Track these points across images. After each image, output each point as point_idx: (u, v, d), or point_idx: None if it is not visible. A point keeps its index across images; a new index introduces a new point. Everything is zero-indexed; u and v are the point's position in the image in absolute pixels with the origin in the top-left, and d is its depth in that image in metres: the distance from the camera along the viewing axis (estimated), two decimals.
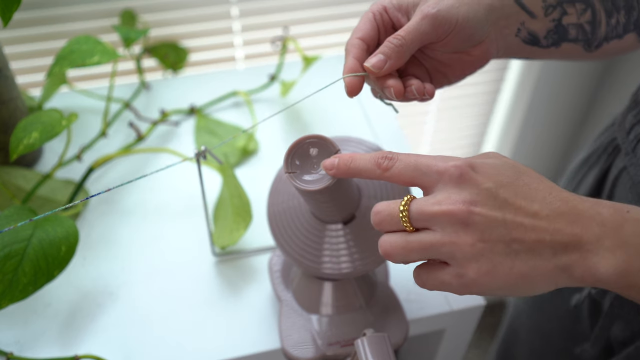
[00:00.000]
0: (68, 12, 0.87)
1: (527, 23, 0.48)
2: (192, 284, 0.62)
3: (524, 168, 0.36)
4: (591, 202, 0.34)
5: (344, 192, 0.44)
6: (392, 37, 0.44)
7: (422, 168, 0.36)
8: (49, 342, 0.57)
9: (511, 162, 0.36)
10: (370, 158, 0.38)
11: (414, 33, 0.44)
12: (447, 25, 0.44)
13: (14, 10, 0.51)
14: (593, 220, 0.33)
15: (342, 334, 0.52)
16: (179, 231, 0.67)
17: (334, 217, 0.47)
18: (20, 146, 0.55)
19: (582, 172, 0.69)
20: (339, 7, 1.00)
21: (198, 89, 0.85)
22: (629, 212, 0.33)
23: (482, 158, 0.37)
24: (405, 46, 0.43)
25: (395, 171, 0.37)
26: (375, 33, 0.46)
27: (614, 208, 0.34)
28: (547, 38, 0.49)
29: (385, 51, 0.43)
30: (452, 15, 0.44)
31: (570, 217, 0.33)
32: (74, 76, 0.93)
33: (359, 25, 0.47)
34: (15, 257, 0.51)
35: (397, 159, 0.37)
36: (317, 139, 0.40)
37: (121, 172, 0.73)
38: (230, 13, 0.95)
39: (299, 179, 0.40)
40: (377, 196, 0.49)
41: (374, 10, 0.47)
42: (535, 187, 0.35)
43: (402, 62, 0.44)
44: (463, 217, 0.34)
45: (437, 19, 0.43)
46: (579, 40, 0.50)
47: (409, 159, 0.37)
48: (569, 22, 0.49)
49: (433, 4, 0.44)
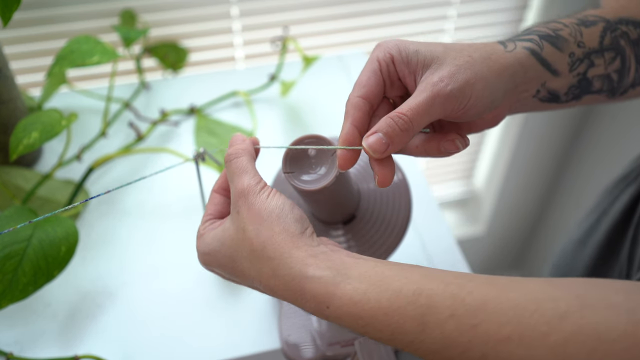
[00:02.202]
0: (68, 12, 0.87)
1: (548, 82, 0.43)
2: (191, 284, 0.62)
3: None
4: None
5: (343, 191, 0.44)
6: (397, 115, 0.37)
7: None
8: (48, 342, 0.57)
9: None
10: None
11: (422, 114, 0.37)
12: (458, 104, 0.39)
13: (14, 10, 0.51)
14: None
15: (342, 334, 0.52)
16: (179, 231, 0.67)
17: (334, 217, 0.47)
18: (20, 146, 0.55)
19: (619, 188, 0.68)
20: (339, 7, 1.00)
21: (198, 89, 0.84)
22: (329, 307, 0.34)
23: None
24: (410, 130, 0.37)
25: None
26: (380, 89, 0.41)
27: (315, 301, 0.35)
28: (568, 94, 0.45)
29: (388, 132, 0.37)
30: (466, 93, 0.38)
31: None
32: (74, 76, 0.93)
33: (361, 79, 0.40)
34: (15, 257, 0.51)
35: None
36: (315, 139, 0.40)
37: (121, 172, 0.73)
38: (230, 13, 0.95)
39: (298, 179, 0.40)
40: (376, 196, 0.49)
41: (380, 59, 0.41)
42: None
43: (405, 144, 0.38)
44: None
45: (449, 99, 0.38)
46: (603, 91, 0.46)
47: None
48: (595, 74, 0.44)
49: (446, 78, 0.38)
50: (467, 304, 0.31)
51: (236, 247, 0.37)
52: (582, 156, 1.36)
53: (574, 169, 1.40)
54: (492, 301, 0.30)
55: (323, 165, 0.40)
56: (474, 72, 0.39)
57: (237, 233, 0.37)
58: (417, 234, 0.67)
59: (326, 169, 0.40)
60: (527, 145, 1.34)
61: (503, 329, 0.30)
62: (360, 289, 0.33)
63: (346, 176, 0.43)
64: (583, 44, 0.44)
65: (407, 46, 0.40)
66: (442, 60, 0.39)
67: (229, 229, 0.38)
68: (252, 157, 0.40)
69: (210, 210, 0.42)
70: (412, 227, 0.67)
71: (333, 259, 0.35)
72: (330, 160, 0.40)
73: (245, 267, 0.37)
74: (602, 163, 1.28)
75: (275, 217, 0.36)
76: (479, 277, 0.32)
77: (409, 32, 1.10)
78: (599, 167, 1.30)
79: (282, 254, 0.35)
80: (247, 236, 0.36)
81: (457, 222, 1.55)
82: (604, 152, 1.28)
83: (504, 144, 1.35)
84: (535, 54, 0.42)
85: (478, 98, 0.39)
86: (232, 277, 0.39)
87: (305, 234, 0.36)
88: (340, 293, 0.33)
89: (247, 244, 0.36)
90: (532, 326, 0.29)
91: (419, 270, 0.34)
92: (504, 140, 1.35)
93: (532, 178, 1.45)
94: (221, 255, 0.38)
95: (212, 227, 0.40)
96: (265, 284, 0.36)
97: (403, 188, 0.50)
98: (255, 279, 0.36)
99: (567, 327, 0.29)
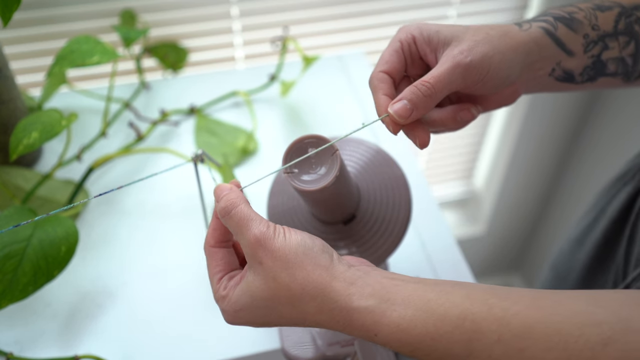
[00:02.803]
0: (68, 12, 0.87)
1: (563, 62, 0.45)
2: (191, 284, 0.62)
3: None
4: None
5: (343, 191, 0.44)
6: (420, 83, 0.41)
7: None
8: (48, 342, 0.57)
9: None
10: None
11: (444, 82, 0.41)
12: (477, 75, 0.42)
13: (14, 10, 0.51)
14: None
15: (342, 333, 0.52)
16: (179, 231, 0.67)
17: (334, 217, 0.47)
18: (20, 146, 0.55)
19: (616, 187, 0.68)
20: (339, 7, 1.00)
21: (198, 89, 0.84)
22: (377, 335, 0.34)
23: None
24: (433, 96, 0.41)
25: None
26: (402, 66, 0.44)
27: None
28: (583, 75, 0.46)
29: (412, 98, 0.40)
30: (484, 65, 0.41)
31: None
32: (74, 76, 0.93)
33: (384, 56, 0.44)
34: (15, 257, 0.51)
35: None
36: (316, 139, 0.40)
37: (121, 172, 0.73)
38: (230, 13, 0.95)
39: (298, 179, 0.40)
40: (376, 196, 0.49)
41: (402, 39, 0.44)
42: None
43: (428, 110, 0.41)
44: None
45: (468, 69, 0.41)
46: (618, 74, 0.47)
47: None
48: (609, 56, 0.46)
49: (466, 51, 0.41)
50: (513, 329, 0.31)
51: (271, 297, 0.36)
52: (582, 156, 1.36)
53: (574, 169, 1.40)
54: (537, 325, 0.31)
55: (323, 165, 0.40)
56: (492, 46, 0.42)
57: (267, 283, 0.36)
58: (417, 234, 0.67)
59: (326, 169, 0.40)
60: (527, 145, 1.34)
61: (548, 355, 0.30)
62: (406, 316, 0.33)
63: (346, 176, 0.43)
64: (598, 27, 0.45)
65: (429, 27, 0.44)
66: (462, 37, 0.42)
67: (254, 281, 0.36)
68: (247, 202, 0.38)
69: (216, 268, 0.39)
70: (412, 227, 0.67)
71: (372, 284, 0.35)
72: (330, 160, 0.40)
73: (285, 312, 0.36)
74: (602, 163, 1.28)
75: (302, 255, 0.36)
76: (522, 299, 0.33)
77: None
78: (599, 167, 1.30)
79: (323, 291, 0.35)
80: (282, 283, 0.35)
81: (457, 222, 1.55)
82: (604, 152, 1.28)
83: (504, 144, 1.35)
84: (550, 34, 0.44)
85: (495, 70, 0.42)
86: (268, 324, 0.38)
87: (334, 261, 0.36)
88: (387, 321, 0.33)
89: (283, 290, 0.35)
90: (578, 352, 0.30)
91: (460, 291, 0.34)
92: (504, 140, 1.35)
93: (532, 178, 1.45)
94: (254, 307, 0.36)
95: (232, 285, 0.38)
96: (312, 320, 0.36)
97: (403, 188, 0.50)
98: (298, 319, 0.36)
99: (612, 353, 0.29)
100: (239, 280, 0.38)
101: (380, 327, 0.34)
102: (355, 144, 0.51)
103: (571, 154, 1.40)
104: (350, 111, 0.82)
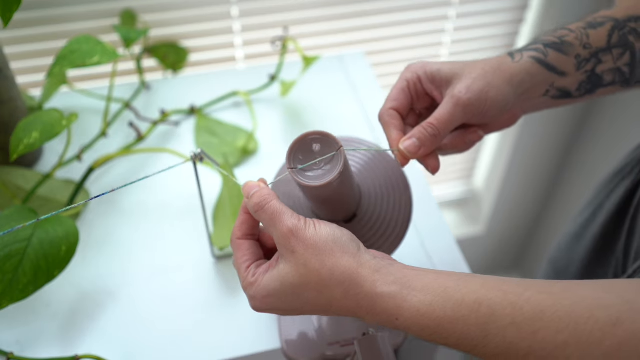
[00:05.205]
0: (68, 12, 0.87)
1: (556, 82, 0.48)
2: (191, 284, 0.62)
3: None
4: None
5: (346, 189, 0.44)
6: (427, 124, 0.46)
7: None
8: (49, 342, 0.57)
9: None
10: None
11: (447, 122, 0.46)
12: (477, 109, 0.46)
13: (14, 10, 0.51)
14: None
15: (342, 334, 0.52)
16: (179, 231, 0.67)
17: (336, 216, 0.47)
18: (20, 146, 0.55)
19: (614, 182, 0.69)
20: (339, 7, 1.00)
21: (198, 89, 0.85)
22: (398, 319, 0.36)
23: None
24: (438, 135, 0.46)
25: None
26: (408, 102, 0.49)
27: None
28: (579, 89, 0.49)
29: (420, 137, 0.46)
30: (482, 99, 0.46)
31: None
32: (74, 76, 0.93)
33: (392, 94, 0.49)
34: (16, 257, 0.51)
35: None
36: (320, 135, 0.40)
37: (121, 172, 0.73)
38: (231, 13, 0.95)
39: (302, 175, 0.40)
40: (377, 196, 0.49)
41: (408, 78, 0.49)
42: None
43: (435, 147, 0.47)
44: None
45: (468, 106, 0.46)
46: (616, 83, 0.50)
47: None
48: (604, 69, 0.48)
49: (465, 90, 0.46)
50: (526, 312, 0.33)
51: (299, 284, 0.38)
52: (582, 156, 1.36)
53: (574, 169, 1.40)
54: (548, 309, 0.33)
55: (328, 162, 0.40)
56: (487, 82, 0.46)
57: (298, 269, 0.38)
58: (417, 233, 0.67)
59: (330, 165, 0.40)
60: (526, 145, 1.34)
61: (560, 336, 0.32)
62: (426, 301, 0.36)
63: (349, 174, 0.43)
64: (589, 45, 0.48)
65: (431, 66, 0.49)
66: (460, 75, 0.47)
67: (284, 269, 0.38)
68: (277, 197, 0.41)
69: (244, 258, 0.42)
70: (412, 227, 0.67)
71: (394, 273, 0.37)
72: (335, 156, 0.40)
73: (312, 298, 0.38)
74: (602, 163, 1.28)
75: (331, 243, 0.38)
76: (534, 286, 0.35)
77: (409, 32, 1.10)
78: (598, 167, 1.30)
79: (350, 276, 0.37)
80: (312, 268, 0.38)
81: (457, 222, 1.55)
82: (603, 152, 1.28)
83: (504, 144, 1.35)
84: (540, 61, 0.47)
85: (492, 103, 0.46)
86: (294, 311, 0.40)
87: (361, 250, 0.39)
88: (408, 306, 0.36)
89: (313, 276, 0.38)
90: (588, 333, 0.31)
91: (475, 280, 0.36)
92: (504, 140, 1.35)
93: (532, 178, 1.45)
94: (282, 293, 0.39)
95: (260, 272, 0.40)
96: (337, 306, 0.38)
97: (404, 188, 0.50)
98: (325, 305, 0.38)
99: (620, 333, 0.31)
100: (267, 268, 0.40)
101: (401, 312, 0.36)
102: (355, 143, 0.52)
103: (571, 154, 1.40)
104: (350, 111, 0.82)
